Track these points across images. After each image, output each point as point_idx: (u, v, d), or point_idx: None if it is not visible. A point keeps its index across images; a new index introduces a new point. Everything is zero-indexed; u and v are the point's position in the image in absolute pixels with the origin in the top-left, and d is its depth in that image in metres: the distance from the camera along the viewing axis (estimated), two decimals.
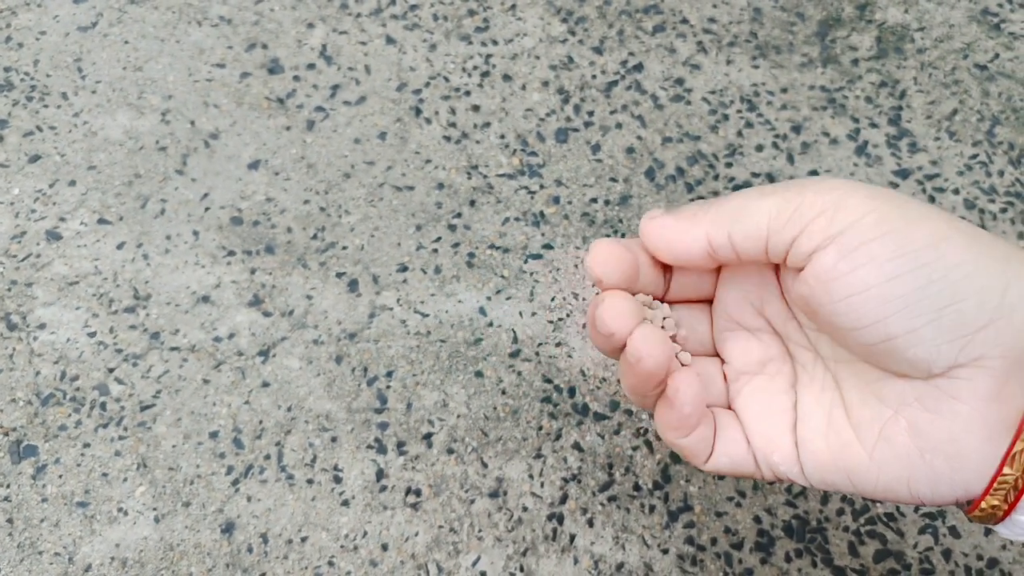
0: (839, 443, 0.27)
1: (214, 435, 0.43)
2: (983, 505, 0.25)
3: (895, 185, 0.51)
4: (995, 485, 0.24)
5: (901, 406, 0.26)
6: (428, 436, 0.43)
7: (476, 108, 0.53)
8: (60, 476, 0.42)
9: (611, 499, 0.42)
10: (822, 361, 0.28)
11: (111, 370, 0.44)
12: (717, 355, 0.31)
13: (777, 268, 0.29)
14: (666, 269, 0.30)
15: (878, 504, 0.42)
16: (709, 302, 0.31)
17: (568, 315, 0.46)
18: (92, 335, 0.45)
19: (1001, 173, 0.51)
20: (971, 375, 0.24)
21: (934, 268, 0.23)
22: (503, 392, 0.44)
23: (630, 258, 0.28)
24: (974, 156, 0.52)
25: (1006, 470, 0.24)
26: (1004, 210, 0.50)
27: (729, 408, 0.30)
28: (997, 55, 0.56)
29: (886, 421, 0.26)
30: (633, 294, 0.29)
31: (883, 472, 0.26)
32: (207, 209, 0.49)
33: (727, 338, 0.30)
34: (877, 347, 0.25)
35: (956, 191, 0.50)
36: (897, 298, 0.23)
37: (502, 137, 0.52)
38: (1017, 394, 0.24)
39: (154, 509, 0.41)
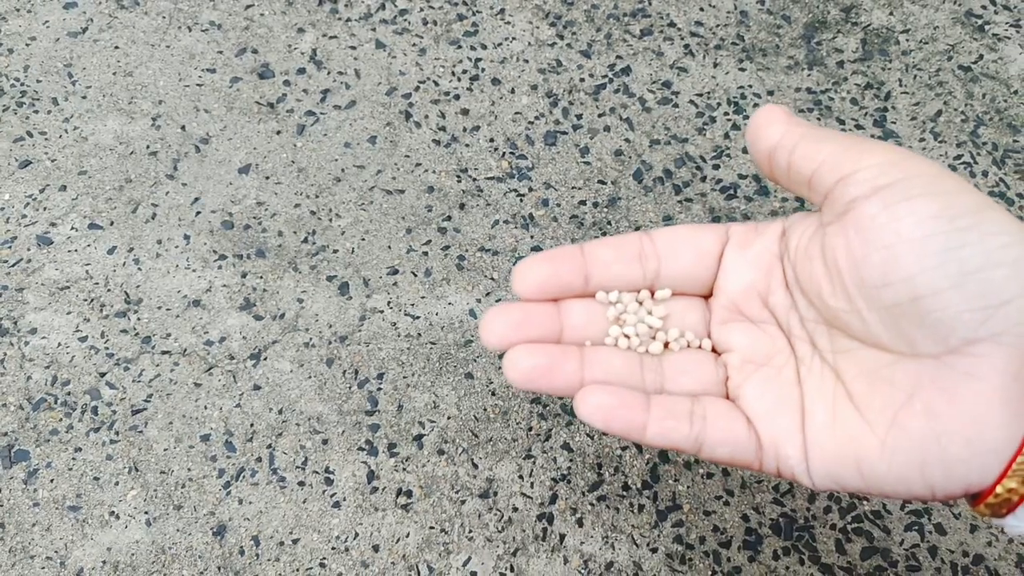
0: (847, 434, 0.26)
1: (206, 438, 0.43)
2: (999, 490, 0.24)
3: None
4: (1014, 466, 0.23)
5: (916, 388, 0.25)
6: (419, 437, 0.44)
7: (465, 112, 0.53)
8: (52, 480, 0.42)
9: (600, 499, 0.42)
10: (819, 354, 0.28)
11: (102, 374, 0.45)
12: (702, 347, 0.31)
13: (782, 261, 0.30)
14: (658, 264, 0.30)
15: (864, 501, 0.42)
16: (702, 296, 0.31)
17: None
18: (83, 340, 0.45)
19: (985, 173, 0.52)
20: (990, 351, 0.24)
21: (971, 233, 0.23)
22: (493, 393, 0.45)
23: (549, 268, 0.29)
24: (958, 157, 0.52)
25: (1007, 481, 0.23)
26: None
27: (727, 398, 0.29)
28: (981, 56, 0.56)
29: (900, 406, 0.25)
30: (592, 295, 0.30)
31: (896, 459, 0.25)
32: (198, 213, 0.49)
33: (731, 329, 0.30)
34: (901, 308, 0.24)
35: None
36: (930, 255, 0.23)
37: (491, 140, 0.52)
38: None
39: (146, 512, 0.41)
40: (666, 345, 0.31)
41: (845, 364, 0.27)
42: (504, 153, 0.52)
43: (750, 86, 0.55)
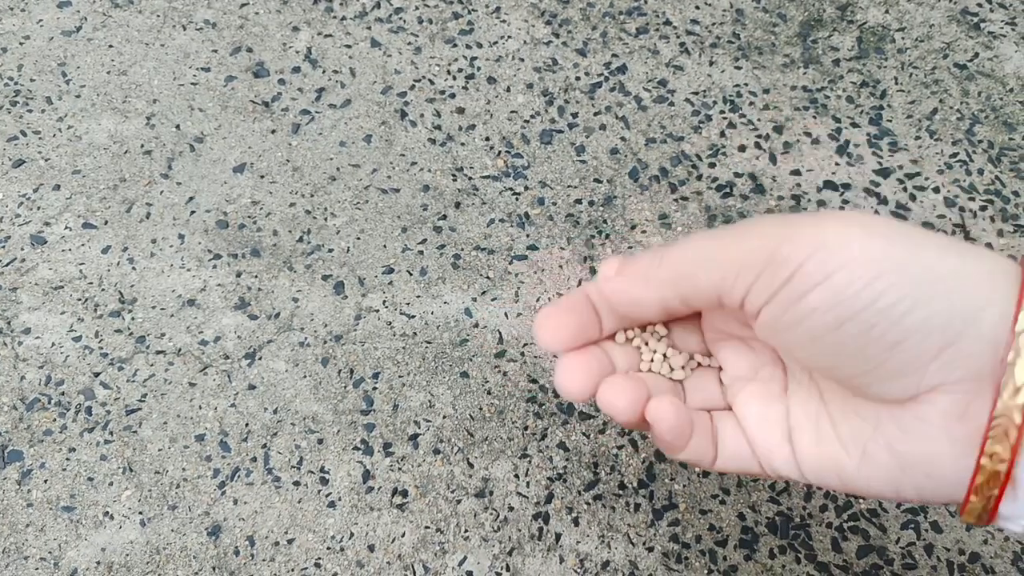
0: (829, 453, 0.28)
1: (200, 438, 0.43)
2: (968, 509, 0.25)
3: (876, 184, 0.51)
4: (968, 506, 0.25)
5: (878, 421, 0.26)
6: (414, 437, 0.43)
7: (461, 111, 0.53)
8: (45, 481, 0.42)
9: (596, 498, 0.42)
10: (808, 372, 0.29)
11: (96, 374, 0.44)
12: (702, 364, 0.32)
13: None
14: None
15: (861, 500, 0.42)
16: (696, 315, 0.32)
17: None
18: (77, 339, 0.45)
19: (981, 171, 0.52)
20: (935, 399, 0.24)
21: (872, 312, 0.23)
22: (489, 392, 0.45)
23: (574, 320, 0.29)
24: (954, 155, 0.52)
25: (973, 498, 0.24)
26: (984, 208, 0.50)
27: (729, 410, 0.31)
28: (976, 54, 0.56)
29: (867, 438, 0.26)
30: (612, 336, 0.31)
31: (872, 482, 0.26)
32: (192, 213, 0.49)
33: (720, 347, 0.31)
34: (842, 381, 0.26)
35: (936, 189, 0.51)
36: (844, 344, 0.24)
37: (487, 139, 0.52)
38: (982, 411, 0.24)
39: (140, 513, 0.41)
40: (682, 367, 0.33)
41: (826, 385, 0.29)
42: (500, 152, 0.52)
43: (746, 84, 0.55)
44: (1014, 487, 0.24)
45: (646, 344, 0.32)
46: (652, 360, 0.32)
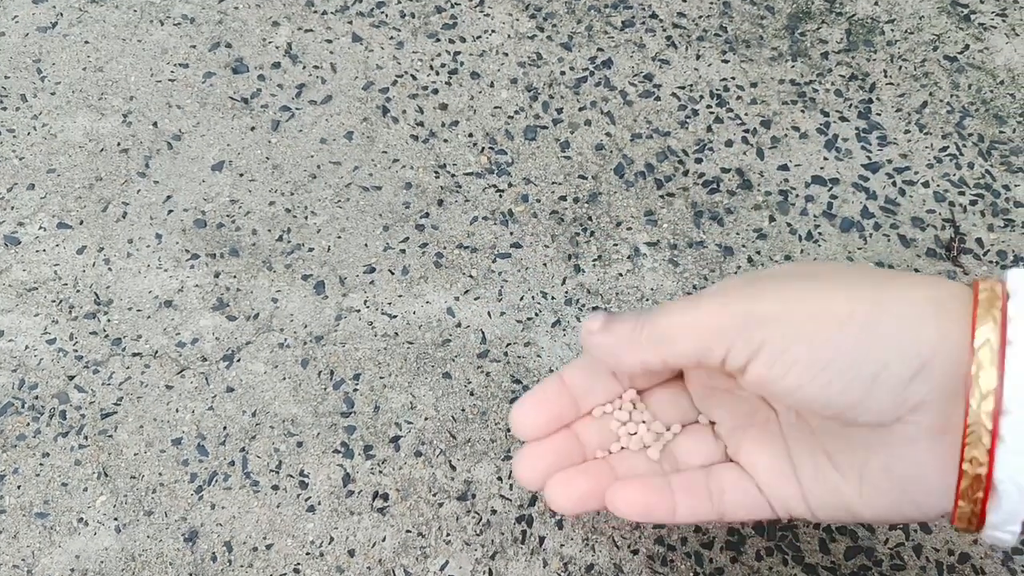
0: (831, 487, 0.29)
1: (177, 442, 0.42)
2: (956, 524, 0.27)
3: (865, 179, 0.50)
4: (957, 513, 0.26)
5: (870, 447, 0.27)
6: (396, 439, 0.43)
7: (444, 106, 0.52)
8: (19, 487, 0.41)
9: None
10: (796, 412, 0.30)
11: (71, 377, 0.44)
12: (698, 421, 0.34)
13: None
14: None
15: None
16: (679, 378, 0.34)
17: (537, 315, 0.46)
18: (51, 342, 0.44)
19: (971, 165, 0.51)
20: (918, 418, 0.26)
21: (851, 350, 0.25)
22: (471, 393, 0.44)
23: (547, 408, 0.32)
24: (944, 149, 0.51)
25: (961, 503, 0.26)
26: (974, 202, 0.50)
27: (730, 461, 0.32)
28: (967, 46, 0.55)
29: (862, 464, 0.28)
30: (590, 412, 0.33)
31: (875, 507, 0.28)
32: (170, 212, 0.48)
33: (709, 402, 0.33)
34: (831, 420, 0.27)
35: (926, 184, 0.50)
36: (831, 384, 0.25)
37: (470, 135, 0.51)
38: (959, 423, 0.26)
39: (115, 519, 0.40)
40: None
41: (815, 420, 0.29)
42: (483, 148, 0.51)
43: (733, 78, 0.54)
44: (995, 493, 0.25)
45: (623, 421, 0.33)
46: (625, 437, 0.33)
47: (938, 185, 0.50)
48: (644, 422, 0.33)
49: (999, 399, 0.24)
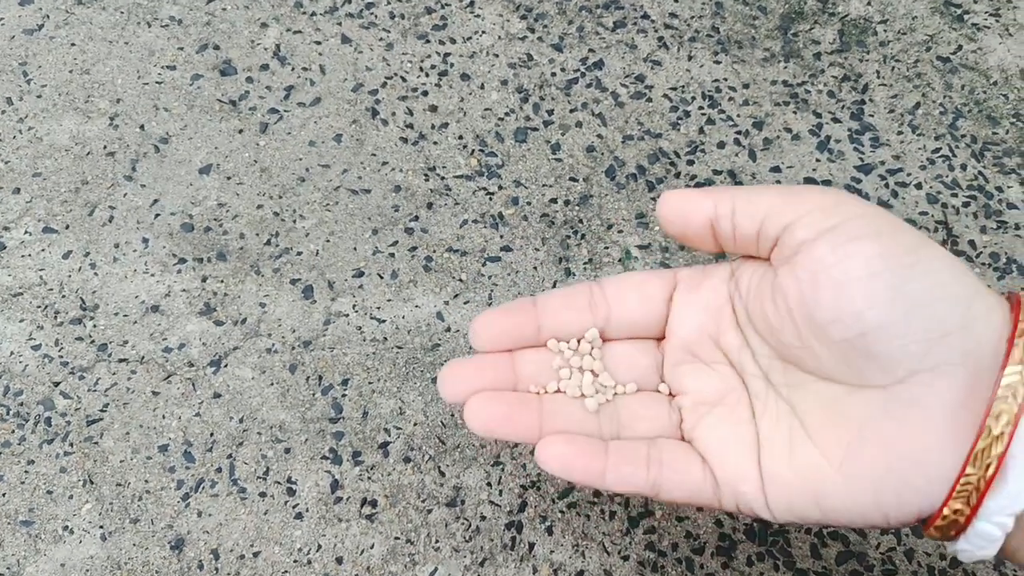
0: (805, 466, 0.27)
1: (164, 449, 0.42)
2: (946, 511, 0.25)
3: (858, 181, 0.50)
4: (958, 487, 0.24)
5: (866, 419, 0.26)
6: (384, 445, 0.42)
7: (434, 108, 0.52)
8: (3, 494, 0.41)
9: (571, 506, 0.41)
10: (774, 389, 0.29)
11: (56, 384, 0.43)
12: (658, 390, 0.32)
13: (732, 302, 0.30)
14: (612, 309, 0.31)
15: None
16: (655, 339, 0.32)
17: None
18: (37, 348, 0.44)
19: (964, 167, 0.51)
20: (933, 380, 0.25)
21: (913, 270, 0.25)
22: None
23: (507, 320, 0.30)
24: (936, 150, 0.51)
25: (969, 469, 0.24)
26: (967, 204, 0.49)
27: (682, 439, 0.30)
28: (960, 47, 0.55)
29: (853, 437, 0.26)
30: (544, 344, 0.31)
31: (852, 489, 0.26)
32: (157, 216, 0.48)
33: (683, 371, 0.31)
34: (850, 342, 0.26)
35: (919, 185, 0.50)
36: (877, 292, 0.25)
37: (460, 138, 0.51)
38: (979, 402, 0.25)
39: (101, 527, 0.40)
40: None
41: (799, 398, 0.28)
42: (473, 151, 0.51)
43: (725, 79, 0.54)
44: (1003, 470, 0.24)
45: (565, 362, 0.31)
46: (564, 379, 0.30)
47: (931, 187, 0.50)
48: (592, 371, 0.31)
49: None
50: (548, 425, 0.29)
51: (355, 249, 0.47)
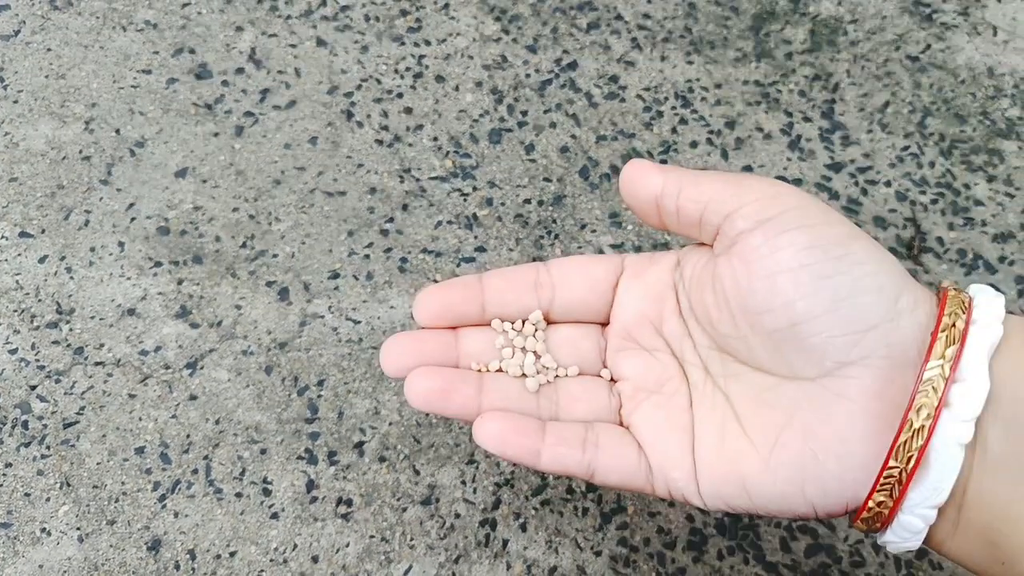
0: (734, 453, 0.27)
1: (140, 451, 0.42)
2: (870, 504, 0.25)
3: (828, 179, 0.51)
4: (881, 479, 0.25)
5: (795, 409, 0.27)
6: (360, 445, 0.43)
7: (409, 110, 0.52)
8: None
9: (544, 503, 0.42)
10: (712, 379, 0.29)
11: (33, 387, 0.43)
12: (600, 375, 0.32)
13: (677, 289, 0.31)
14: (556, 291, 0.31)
15: None
16: (600, 324, 0.32)
17: None
18: (13, 352, 0.44)
19: (932, 164, 0.51)
20: (859, 373, 0.25)
21: (841, 262, 0.25)
22: None
23: (449, 294, 0.30)
24: (906, 148, 0.52)
25: (891, 462, 0.24)
26: (935, 201, 0.50)
27: (621, 424, 0.30)
28: (928, 46, 0.56)
29: (782, 427, 0.27)
30: (489, 323, 0.31)
31: (777, 478, 0.26)
32: (133, 219, 0.48)
33: (624, 357, 0.31)
34: (781, 333, 0.26)
35: (888, 183, 0.51)
36: (805, 283, 0.25)
37: (435, 139, 0.51)
38: (901, 394, 0.25)
39: (78, 528, 0.40)
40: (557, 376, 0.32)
41: (734, 388, 0.29)
42: (448, 152, 0.51)
43: (698, 79, 0.54)
44: (926, 462, 0.24)
45: (508, 342, 0.31)
46: (506, 359, 0.30)
47: (900, 184, 0.51)
48: (534, 352, 0.31)
49: (955, 368, 0.24)
50: (487, 403, 0.29)
51: (330, 251, 0.48)
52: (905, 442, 0.24)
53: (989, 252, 0.48)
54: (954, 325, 0.24)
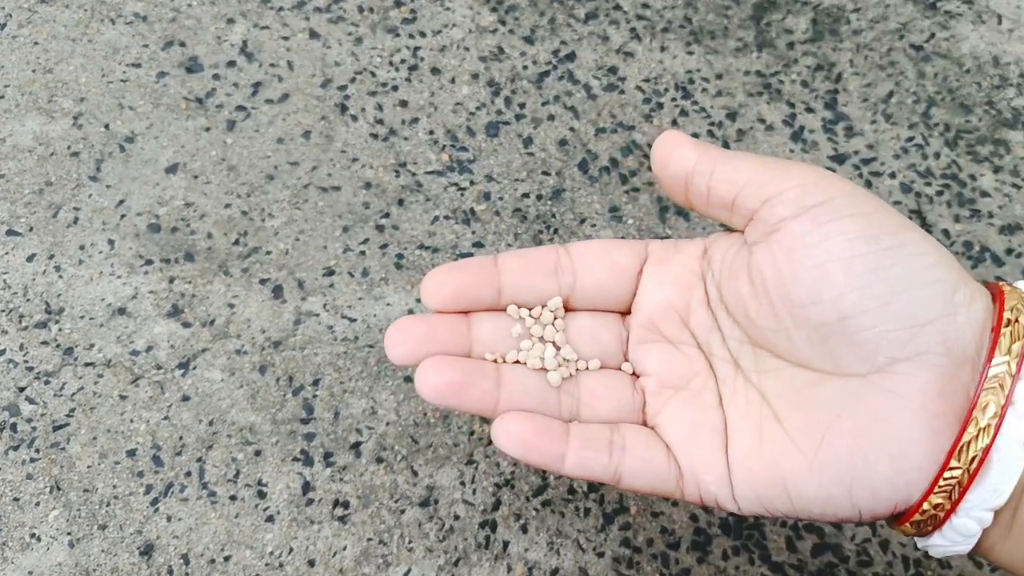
0: (774, 455, 0.26)
1: (132, 453, 0.41)
2: (925, 506, 0.24)
3: (832, 170, 0.50)
4: (940, 481, 0.24)
5: (843, 408, 0.25)
6: (356, 445, 0.42)
7: (404, 103, 0.51)
8: None
9: (545, 504, 0.41)
10: (743, 374, 0.28)
11: (21, 389, 0.43)
12: (621, 369, 0.30)
13: (705, 280, 0.29)
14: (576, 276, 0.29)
15: None
16: (621, 314, 0.30)
17: None
18: (1, 353, 0.43)
19: (937, 155, 0.50)
20: (913, 370, 0.24)
21: (896, 254, 0.24)
22: None
23: (463, 277, 0.28)
24: (910, 139, 0.51)
25: (953, 463, 0.23)
26: (940, 192, 0.49)
27: (645, 424, 0.29)
28: (933, 35, 0.55)
29: (827, 426, 0.25)
30: (504, 309, 0.29)
31: (824, 480, 0.25)
32: (123, 216, 0.47)
33: (648, 350, 0.29)
34: (829, 327, 0.25)
35: (892, 175, 0.50)
36: (858, 275, 0.24)
37: (431, 133, 0.50)
38: (960, 392, 0.24)
39: (68, 533, 0.39)
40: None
41: (771, 384, 0.27)
42: (444, 146, 0.50)
43: (698, 70, 0.53)
44: (987, 461, 0.23)
45: (526, 331, 0.28)
46: (524, 350, 0.28)
47: (904, 176, 0.50)
48: (554, 343, 0.29)
49: (1020, 365, 0.23)
50: (506, 398, 0.27)
51: (325, 247, 0.47)
52: (968, 442, 0.23)
53: (996, 244, 0.48)
54: (1017, 320, 0.23)
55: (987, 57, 0.54)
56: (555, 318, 0.29)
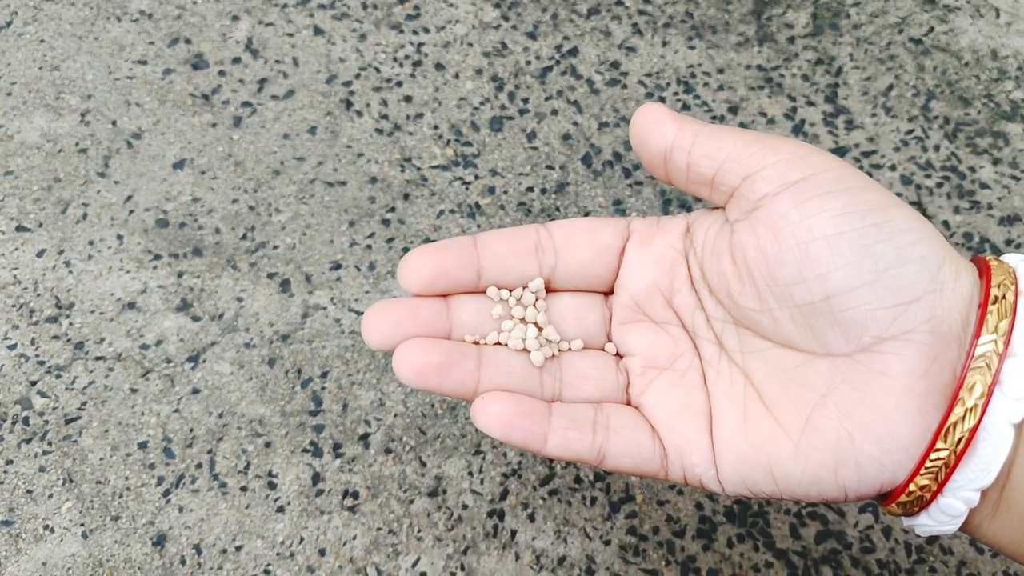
0: (759, 436, 0.26)
1: (143, 445, 0.42)
2: (911, 487, 0.24)
3: None
4: (927, 462, 0.23)
5: (828, 388, 0.25)
6: (365, 437, 0.42)
7: (408, 99, 0.52)
8: None
9: (552, 493, 0.41)
10: (727, 355, 0.27)
11: (33, 383, 0.43)
12: (604, 349, 0.30)
13: (688, 258, 0.29)
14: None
15: None
16: (604, 294, 0.30)
17: None
18: (12, 347, 0.44)
19: (937, 148, 0.51)
20: (900, 349, 0.24)
21: (881, 230, 0.23)
22: None
23: (440, 265, 0.27)
24: (910, 131, 0.52)
25: (939, 444, 0.23)
26: (940, 185, 0.50)
27: (629, 404, 0.28)
28: (932, 28, 0.55)
29: (813, 407, 0.25)
30: (484, 291, 0.28)
31: (810, 461, 0.25)
32: (131, 212, 0.48)
33: (632, 330, 0.29)
34: (814, 306, 0.24)
35: (893, 167, 0.50)
36: (842, 252, 0.23)
37: (435, 128, 0.51)
38: (945, 371, 0.23)
39: (82, 525, 0.40)
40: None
41: (755, 365, 0.27)
42: (449, 141, 0.51)
43: (700, 64, 0.54)
44: (974, 441, 0.23)
45: (508, 312, 0.28)
46: (505, 331, 0.28)
47: (905, 168, 0.50)
48: (536, 323, 0.28)
49: (1007, 342, 0.22)
50: (486, 379, 0.26)
51: (332, 241, 0.47)
52: (955, 424, 0.23)
53: (995, 235, 0.48)
54: (1004, 297, 0.23)
55: (986, 50, 0.54)
56: (537, 299, 0.28)
